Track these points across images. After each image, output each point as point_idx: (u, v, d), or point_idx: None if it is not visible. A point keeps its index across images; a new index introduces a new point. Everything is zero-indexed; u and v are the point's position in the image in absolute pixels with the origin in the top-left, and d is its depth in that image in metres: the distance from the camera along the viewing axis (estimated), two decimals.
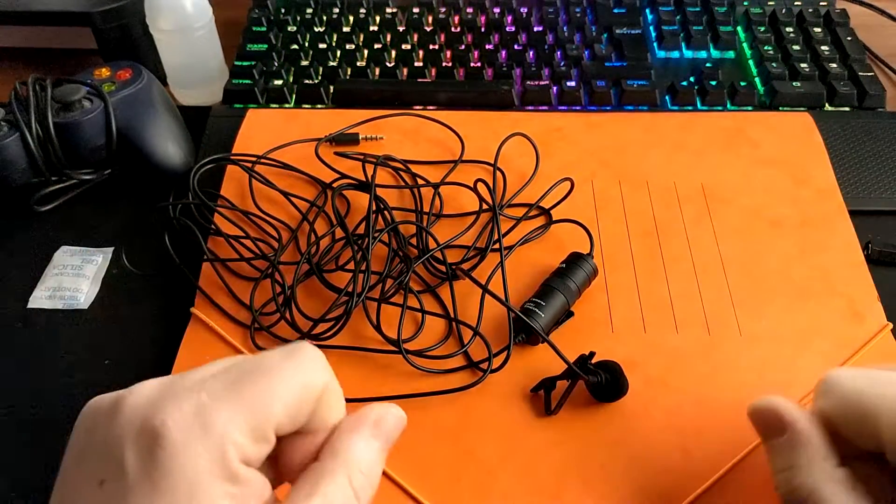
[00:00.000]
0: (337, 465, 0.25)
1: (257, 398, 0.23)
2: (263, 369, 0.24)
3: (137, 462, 0.22)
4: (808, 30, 0.62)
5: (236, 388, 0.23)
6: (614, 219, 0.47)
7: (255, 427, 0.23)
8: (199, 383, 0.23)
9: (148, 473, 0.22)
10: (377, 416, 0.27)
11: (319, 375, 0.25)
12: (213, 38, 0.57)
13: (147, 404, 0.23)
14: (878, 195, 0.49)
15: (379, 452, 0.26)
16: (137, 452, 0.22)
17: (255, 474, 0.23)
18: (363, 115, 0.53)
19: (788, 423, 0.29)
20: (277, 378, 0.24)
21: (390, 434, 0.27)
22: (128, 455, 0.22)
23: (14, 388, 0.40)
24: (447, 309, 0.42)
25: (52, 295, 0.44)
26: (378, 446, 0.26)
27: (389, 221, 0.45)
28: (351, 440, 0.26)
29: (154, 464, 0.22)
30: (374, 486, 0.26)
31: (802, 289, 0.43)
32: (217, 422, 0.22)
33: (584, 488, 0.35)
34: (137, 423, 0.22)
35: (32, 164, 0.47)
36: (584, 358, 0.38)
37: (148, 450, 0.22)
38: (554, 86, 0.58)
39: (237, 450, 0.23)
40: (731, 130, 0.52)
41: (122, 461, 0.22)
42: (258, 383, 0.24)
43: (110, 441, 0.22)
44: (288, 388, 0.24)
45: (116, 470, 0.22)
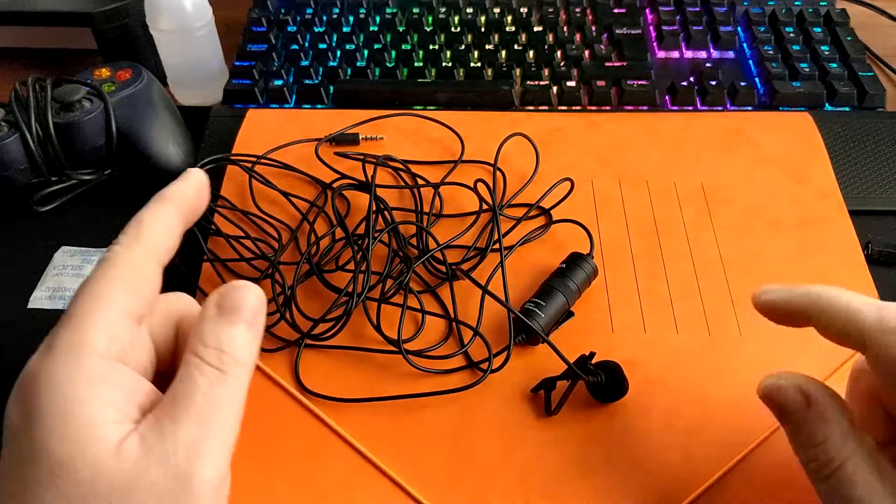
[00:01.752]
0: (186, 352, 0.26)
1: (82, 305, 0.25)
2: (80, 288, 0.26)
3: (16, 415, 0.24)
4: (808, 30, 0.62)
5: (66, 315, 0.25)
6: (614, 219, 0.47)
7: (99, 324, 0.25)
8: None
9: (25, 418, 0.23)
10: (219, 296, 0.27)
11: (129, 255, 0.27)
12: (213, 38, 0.57)
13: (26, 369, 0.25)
14: (878, 195, 0.49)
15: (227, 324, 0.26)
16: (15, 407, 0.24)
17: (124, 370, 0.25)
18: (363, 115, 0.53)
19: (814, 397, 0.29)
20: (90, 283, 0.26)
21: (238, 305, 0.27)
22: (11, 415, 0.24)
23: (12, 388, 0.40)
24: (447, 309, 0.42)
25: (52, 295, 0.44)
26: (227, 319, 0.26)
27: (389, 221, 0.45)
28: (195, 325, 0.27)
29: (28, 407, 0.24)
30: (237, 359, 0.26)
31: None
32: (60, 343, 0.24)
33: (584, 488, 0.35)
34: (15, 388, 0.25)
35: (32, 164, 0.47)
36: (584, 358, 0.38)
37: (21, 400, 0.24)
38: (554, 86, 0.58)
39: (93, 350, 0.24)
40: (731, 130, 0.52)
41: (8, 423, 0.24)
42: (78, 297, 0.26)
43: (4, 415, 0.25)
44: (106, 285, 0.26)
45: (7, 433, 0.24)
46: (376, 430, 0.37)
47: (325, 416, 0.38)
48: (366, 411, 0.38)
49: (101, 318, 0.25)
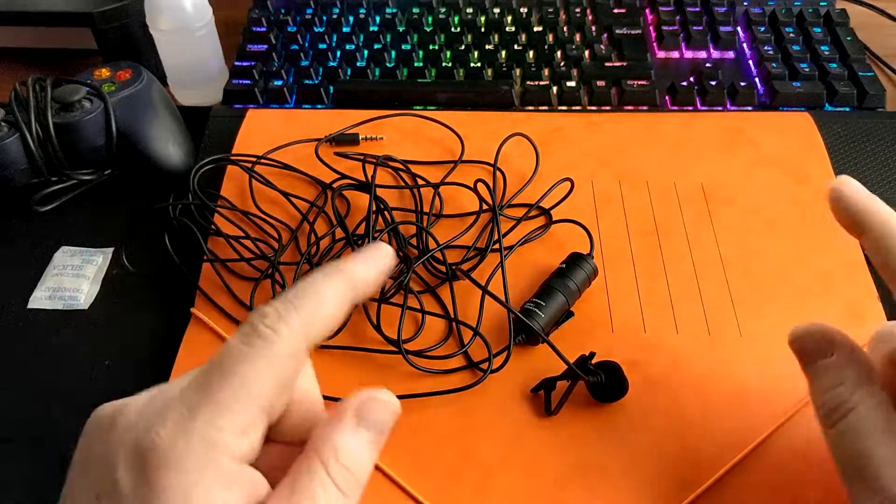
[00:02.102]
0: (313, 458, 0.24)
1: (228, 394, 0.23)
2: (227, 362, 0.24)
3: (130, 479, 0.22)
4: (808, 30, 0.62)
5: (208, 391, 0.23)
6: (614, 219, 0.47)
7: (237, 423, 0.23)
8: (179, 394, 0.23)
9: (140, 491, 0.22)
10: (359, 403, 0.25)
11: (283, 344, 0.24)
12: (213, 38, 0.57)
13: (137, 419, 0.23)
14: (877, 195, 0.48)
15: (363, 441, 0.25)
16: (130, 470, 0.22)
17: (247, 473, 0.23)
18: (363, 115, 0.53)
19: (839, 344, 0.30)
20: (242, 366, 0.23)
21: (377, 421, 0.25)
22: (121, 473, 0.22)
23: (14, 388, 0.40)
24: (447, 309, 0.42)
25: (52, 295, 0.44)
26: (362, 435, 0.25)
27: (389, 222, 0.45)
28: (329, 431, 0.24)
29: (146, 481, 0.22)
30: (360, 478, 0.24)
31: (802, 289, 0.43)
32: (197, 430, 0.22)
33: (584, 488, 0.35)
34: (130, 441, 0.23)
35: (32, 164, 0.47)
36: (584, 358, 0.38)
37: (140, 467, 0.22)
38: (554, 86, 0.58)
39: (224, 451, 0.23)
40: (731, 130, 0.52)
41: (115, 478, 0.22)
42: (225, 378, 0.23)
43: (106, 457, 0.23)
44: (256, 372, 0.23)
45: (112, 487, 0.22)
46: None
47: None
48: None
49: (242, 413, 0.23)
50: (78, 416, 0.25)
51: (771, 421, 0.37)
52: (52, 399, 0.40)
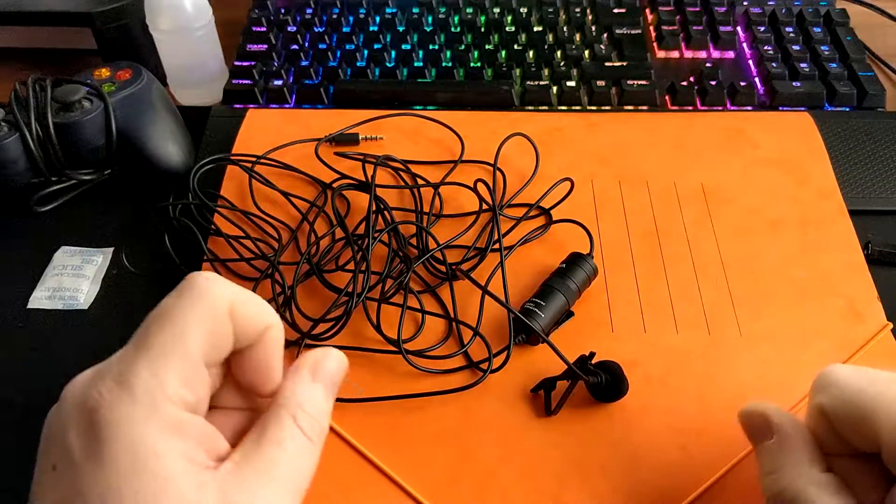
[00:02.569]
0: (280, 410, 0.26)
1: (165, 342, 0.24)
2: (161, 315, 0.25)
3: (79, 440, 0.23)
4: (808, 30, 0.62)
5: (146, 344, 0.24)
6: (614, 219, 0.47)
7: (178, 371, 0.24)
8: (118, 356, 0.24)
9: (90, 448, 0.23)
10: (314, 360, 0.27)
11: (213, 297, 0.25)
12: (213, 38, 0.57)
13: (81, 387, 0.24)
14: (878, 195, 0.49)
15: (322, 392, 0.27)
16: (79, 432, 0.23)
17: (198, 421, 0.24)
18: (363, 115, 0.53)
19: (776, 427, 0.30)
20: (175, 316, 0.24)
21: (331, 375, 0.27)
22: (70, 436, 0.23)
23: (14, 388, 0.40)
24: (447, 309, 0.42)
25: (52, 295, 0.44)
26: (320, 387, 0.27)
27: (389, 221, 0.45)
28: (292, 384, 0.26)
29: (94, 438, 0.23)
30: (323, 427, 0.26)
31: (802, 289, 0.43)
32: (138, 381, 0.23)
33: (584, 488, 0.35)
34: (76, 406, 0.24)
35: (32, 164, 0.47)
36: (584, 358, 0.38)
37: (87, 427, 0.23)
38: (554, 86, 0.58)
39: (169, 400, 0.23)
40: (731, 130, 0.52)
41: (67, 444, 0.23)
42: (161, 329, 0.24)
43: (58, 430, 0.24)
44: (188, 321, 0.24)
45: (64, 453, 0.23)
46: (376, 430, 0.37)
47: None
48: (366, 411, 0.38)
49: (182, 362, 0.24)
50: None
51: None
52: (52, 399, 0.40)
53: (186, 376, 0.24)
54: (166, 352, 0.24)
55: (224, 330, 0.25)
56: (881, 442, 0.27)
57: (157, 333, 0.24)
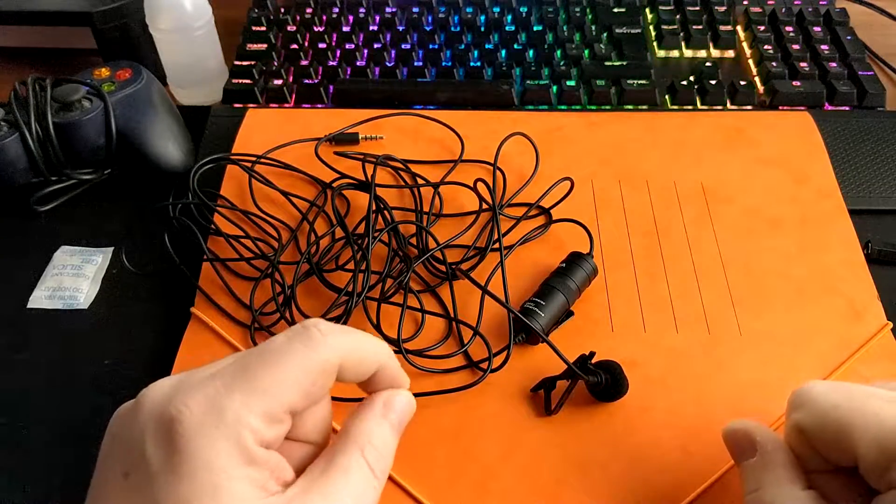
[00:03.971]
0: (349, 442, 0.26)
1: (266, 381, 0.24)
2: (270, 353, 0.25)
3: (158, 451, 0.23)
4: (808, 29, 0.62)
5: (246, 375, 0.24)
6: (614, 218, 0.47)
7: (268, 410, 0.24)
8: (211, 374, 0.24)
9: (169, 461, 0.23)
10: (386, 398, 0.28)
11: (327, 350, 0.25)
12: (213, 38, 0.57)
13: (163, 397, 0.24)
14: (877, 195, 0.49)
15: (389, 430, 0.27)
16: (157, 442, 0.23)
17: (272, 455, 0.24)
18: (363, 114, 0.53)
19: (759, 445, 0.30)
20: (284, 360, 0.25)
21: (399, 413, 0.28)
22: (149, 445, 0.23)
23: (14, 388, 0.40)
24: (447, 309, 0.42)
25: (52, 295, 0.44)
26: (388, 425, 0.28)
27: (389, 221, 0.45)
28: (361, 420, 0.27)
29: (174, 451, 0.23)
30: (387, 462, 0.27)
31: (802, 288, 0.43)
32: (230, 407, 0.23)
33: (584, 488, 0.35)
34: (156, 415, 0.23)
35: (32, 164, 0.47)
36: (584, 358, 0.38)
37: (167, 439, 0.23)
38: (554, 85, 0.58)
39: (253, 433, 0.23)
40: (731, 130, 0.52)
41: (143, 452, 0.23)
42: (266, 367, 0.24)
43: (133, 435, 0.23)
44: (294, 368, 0.25)
45: (139, 461, 0.23)
46: None
47: None
48: None
49: (275, 404, 0.24)
50: (78, 415, 0.25)
51: (770, 420, 0.37)
52: (53, 399, 0.40)
53: (274, 418, 0.24)
54: (265, 390, 0.24)
55: (326, 383, 0.26)
56: (858, 456, 0.27)
57: (261, 369, 0.24)
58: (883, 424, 0.27)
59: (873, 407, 0.28)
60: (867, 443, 0.27)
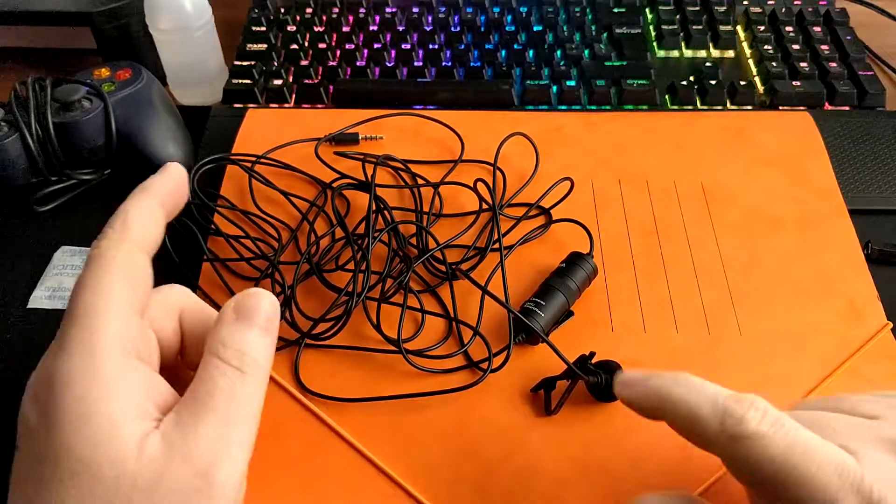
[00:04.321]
0: (206, 353, 0.27)
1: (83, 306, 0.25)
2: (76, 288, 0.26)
3: (33, 413, 0.24)
4: (808, 29, 0.62)
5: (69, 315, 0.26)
6: (614, 218, 0.47)
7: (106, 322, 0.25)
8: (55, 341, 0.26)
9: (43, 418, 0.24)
10: (234, 302, 0.28)
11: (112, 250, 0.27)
12: (213, 38, 0.57)
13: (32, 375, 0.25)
14: (878, 195, 0.49)
15: (245, 327, 0.27)
16: (31, 406, 0.24)
17: (144, 371, 0.26)
18: (363, 114, 0.53)
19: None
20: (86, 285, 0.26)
21: (254, 311, 0.28)
22: (26, 413, 0.24)
23: (14, 388, 0.40)
24: (447, 309, 0.42)
25: (52, 295, 0.44)
26: (244, 324, 0.27)
27: (389, 221, 0.45)
28: (215, 328, 0.27)
29: (44, 406, 0.24)
30: (254, 358, 0.27)
31: (802, 288, 0.43)
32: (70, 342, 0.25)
33: (584, 488, 0.35)
34: (28, 389, 0.25)
35: (32, 164, 0.47)
36: (584, 358, 0.38)
37: (38, 401, 0.24)
38: (553, 85, 0.58)
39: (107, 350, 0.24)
40: (731, 130, 0.52)
41: (23, 420, 0.24)
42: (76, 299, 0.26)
43: (19, 416, 0.25)
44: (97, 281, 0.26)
45: (23, 430, 0.24)
46: (376, 430, 0.37)
47: (325, 415, 0.38)
48: (366, 411, 0.38)
49: (108, 314, 0.25)
50: None
51: None
52: None
53: (120, 328, 0.25)
54: (87, 311, 0.25)
55: (139, 269, 0.27)
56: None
57: (74, 301, 0.25)
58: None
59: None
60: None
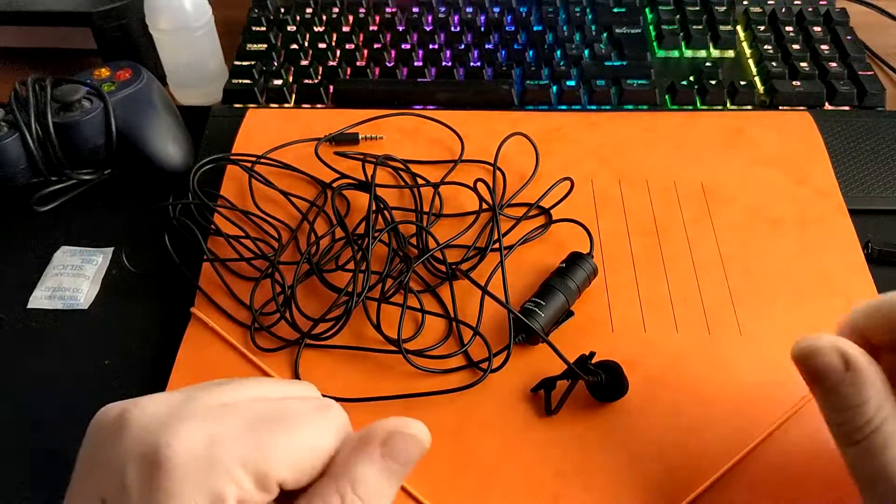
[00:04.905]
0: (329, 486, 0.23)
1: (273, 446, 0.22)
2: (289, 418, 0.23)
3: (138, 484, 0.21)
4: (808, 29, 0.62)
5: (255, 430, 0.22)
6: (614, 218, 0.47)
7: (262, 475, 0.22)
8: (215, 411, 0.23)
9: (149, 499, 0.21)
10: (387, 434, 0.24)
11: (335, 437, 0.24)
12: (213, 38, 0.57)
13: (153, 424, 0.22)
14: (878, 195, 0.49)
15: (384, 474, 0.23)
16: (139, 474, 0.21)
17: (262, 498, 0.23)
18: (363, 114, 0.53)
19: (852, 360, 0.28)
20: (301, 432, 0.23)
21: (403, 454, 0.24)
22: (129, 475, 0.21)
23: (14, 388, 0.40)
24: (447, 309, 0.42)
25: (52, 295, 0.44)
26: (385, 467, 0.23)
27: (389, 221, 0.45)
28: (351, 459, 0.23)
29: (156, 489, 0.21)
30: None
31: (802, 288, 0.43)
32: (225, 458, 0.22)
33: (584, 488, 0.35)
34: (142, 444, 0.22)
35: (32, 164, 0.47)
36: (584, 358, 0.38)
37: (149, 473, 0.21)
38: (553, 85, 0.58)
39: (237, 492, 0.22)
40: (730, 130, 0.52)
41: (123, 481, 0.21)
42: (279, 432, 0.23)
43: (114, 459, 0.22)
44: (306, 443, 0.23)
45: (118, 490, 0.22)
46: None
47: None
48: (366, 411, 0.38)
49: (272, 468, 0.22)
50: (78, 416, 0.25)
51: (771, 420, 0.37)
52: (52, 399, 0.40)
53: (262, 484, 0.22)
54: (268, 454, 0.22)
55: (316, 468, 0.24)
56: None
57: (274, 429, 0.23)
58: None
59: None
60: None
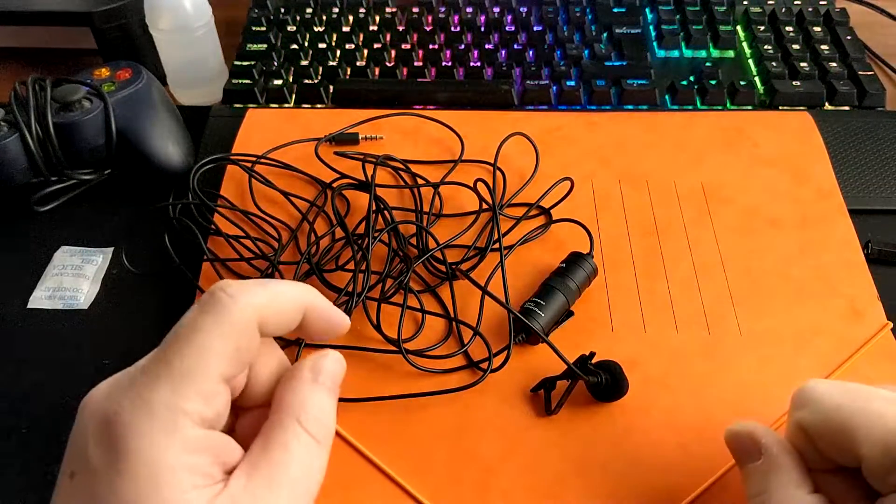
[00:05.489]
0: (283, 414, 0.26)
1: (186, 361, 0.24)
2: (183, 331, 0.25)
3: (98, 451, 0.23)
4: (808, 29, 0.62)
5: (167, 360, 0.24)
6: (614, 218, 0.47)
7: (198, 389, 0.24)
8: (139, 369, 0.24)
9: (109, 460, 0.23)
10: (312, 363, 0.27)
11: (239, 312, 0.25)
12: (213, 38, 0.57)
13: (101, 398, 0.24)
14: (878, 195, 0.49)
15: (324, 394, 0.27)
16: (98, 442, 0.23)
17: (214, 437, 0.24)
18: (363, 114, 0.53)
19: (764, 448, 0.30)
20: (198, 335, 0.24)
21: (331, 375, 0.27)
22: (90, 446, 0.23)
23: (13, 388, 0.40)
24: (447, 309, 0.42)
25: (52, 295, 0.44)
26: (321, 388, 0.27)
27: (389, 221, 0.45)
28: (292, 390, 0.26)
29: (113, 450, 0.23)
30: (329, 427, 0.27)
31: (802, 288, 0.43)
32: (158, 398, 0.23)
33: (584, 488, 0.35)
34: (96, 416, 0.24)
35: (32, 164, 0.47)
36: (584, 358, 0.38)
37: (106, 439, 0.23)
38: (553, 85, 0.58)
39: (189, 416, 0.23)
40: (730, 130, 0.52)
41: (86, 453, 0.23)
42: (182, 347, 0.24)
43: (77, 437, 0.24)
44: (210, 339, 0.24)
45: (83, 462, 0.23)
46: (376, 430, 0.37)
47: None
48: (366, 411, 0.38)
49: (202, 381, 0.24)
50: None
51: (771, 420, 0.37)
52: (53, 399, 0.40)
53: (207, 394, 0.24)
54: (187, 371, 0.24)
55: (250, 344, 0.25)
56: (861, 457, 0.27)
57: (179, 351, 0.24)
58: (887, 426, 0.27)
59: (877, 408, 0.27)
60: (871, 444, 0.27)
